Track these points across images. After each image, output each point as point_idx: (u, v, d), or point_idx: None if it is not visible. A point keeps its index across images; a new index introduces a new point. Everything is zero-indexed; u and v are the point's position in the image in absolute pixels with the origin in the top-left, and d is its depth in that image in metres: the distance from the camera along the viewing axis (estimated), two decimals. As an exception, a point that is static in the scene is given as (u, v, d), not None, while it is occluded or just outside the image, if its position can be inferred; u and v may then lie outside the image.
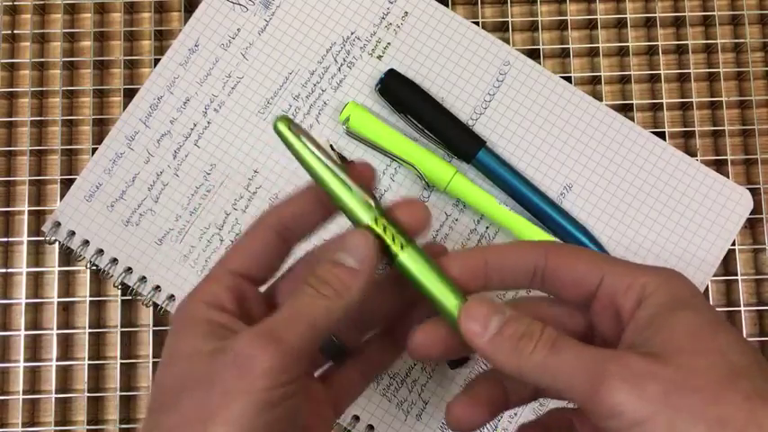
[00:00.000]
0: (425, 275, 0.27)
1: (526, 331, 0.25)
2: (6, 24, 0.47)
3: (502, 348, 0.25)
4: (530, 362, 0.25)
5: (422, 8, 0.46)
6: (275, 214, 0.28)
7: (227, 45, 0.45)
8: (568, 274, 0.27)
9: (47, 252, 0.45)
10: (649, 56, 0.48)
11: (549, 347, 0.25)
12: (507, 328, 0.25)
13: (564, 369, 0.24)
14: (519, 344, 0.25)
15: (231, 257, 0.28)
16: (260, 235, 0.28)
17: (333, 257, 0.26)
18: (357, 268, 0.26)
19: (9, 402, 0.44)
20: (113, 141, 0.44)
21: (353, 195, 0.27)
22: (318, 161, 0.27)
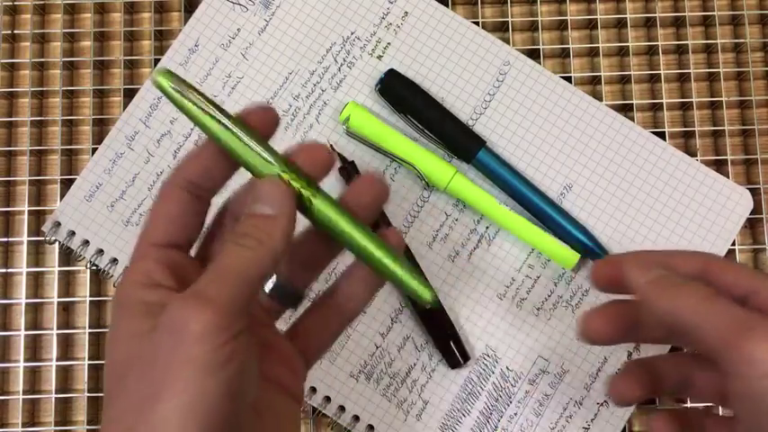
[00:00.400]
0: (342, 222, 0.27)
1: (684, 281, 0.28)
2: (6, 24, 0.47)
3: (660, 289, 0.28)
4: (685, 303, 0.27)
5: (422, 8, 0.46)
6: (181, 174, 0.27)
7: (227, 45, 0.45)
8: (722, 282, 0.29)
9: (47, 252, 0.45)
10: (649, 56, 0.48)
11: (704, 297, 0.27)
12: (670, 276, 0.29)
13: (713, 316, 0.26)
14: (679, 288, 0.28)
15: (151, 229, 0.27)
16: (173, 198, 0.27)
17: (248, 210, 0.26)
18: (274, 214, 0.25)
19: (9, 402, 0.44)
20: (113, 141, 0.44)
21: (252, 150, 0.26)
22: (211, 118, 0.26)
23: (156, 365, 0.23)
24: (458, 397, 0.42)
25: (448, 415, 0.42)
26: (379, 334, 0.43)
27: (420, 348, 0.43)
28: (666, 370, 0.32)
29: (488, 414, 0.42)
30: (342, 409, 0.42)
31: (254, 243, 0.25)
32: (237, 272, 0.24)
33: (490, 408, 0.42)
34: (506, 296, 0.43)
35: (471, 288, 0.43)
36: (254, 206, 0.26)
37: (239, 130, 0.26)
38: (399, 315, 0.43)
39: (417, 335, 0.43)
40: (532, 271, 0.43)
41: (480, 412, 0.42)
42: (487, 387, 0.42)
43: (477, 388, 0.42)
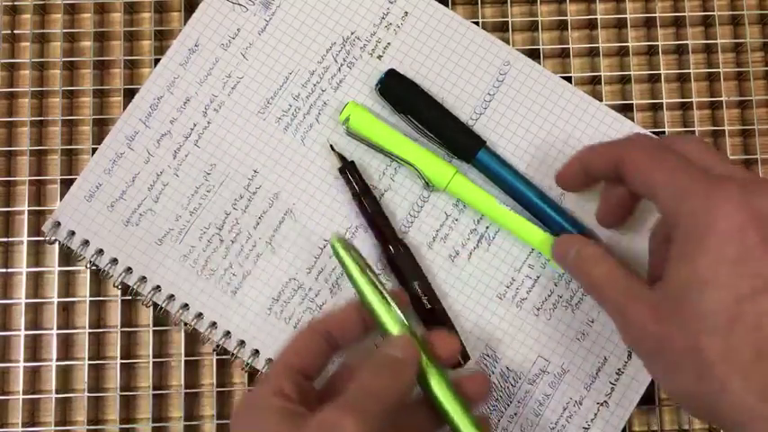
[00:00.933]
0: (446, 398, 0.33)
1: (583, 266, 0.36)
2: (6, 24, 0.47)
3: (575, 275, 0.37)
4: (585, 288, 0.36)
5: (422, 8, 0.46)
6: (324, 324, 0.34)
7: (227, 45, 0.45)
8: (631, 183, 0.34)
9: (47, 252, 0.45)
10: (649, 56, 0.48)
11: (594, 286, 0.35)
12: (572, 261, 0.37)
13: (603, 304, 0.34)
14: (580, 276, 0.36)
15: (288, 355, 0.33)
16: (313, 338, 0.34)
17: (381, 350, 0.32)
18: (403, 358, 0.32)
19: (9, 402, 0.44)
20: (113, 141, 0.44)
21: (392, 315, 0.34)
22: (366, 281, 0.34)
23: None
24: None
25: (448, 415, 0.42)
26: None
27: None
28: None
29: (488, 414, 0.42)
30: (342, 409, 0.42)
31: (389, 373, 0.31)
32: (377, 393, 0.30)
33: (490, 408, 0.42)
34: (506, 296, 0.43)
35: (471, 288, 0.43)
36: (387, 349, 0.33)
37: (387, 297, 0.35)
38: (399, 315, 0.43)
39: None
40: (532, 271, 0.43)
41: (480, 413, 0.42)
42: (487, 387, 0.42)
43: (477, 388, 0.42)
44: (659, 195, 0.32)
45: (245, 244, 0.43)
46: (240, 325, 0.43)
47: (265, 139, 0.44)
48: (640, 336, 0.31)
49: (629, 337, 0.32)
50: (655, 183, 0.32)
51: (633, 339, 0.32)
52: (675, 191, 0.31)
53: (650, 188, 0.33)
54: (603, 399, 0.42)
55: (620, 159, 0.34)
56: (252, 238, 0.43)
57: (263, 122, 0.45)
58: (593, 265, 0.35)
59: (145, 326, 0.44)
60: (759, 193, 0.30)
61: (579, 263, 0.36)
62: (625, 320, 0.32)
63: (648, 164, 0.33)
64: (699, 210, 0.30)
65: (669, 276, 0.30)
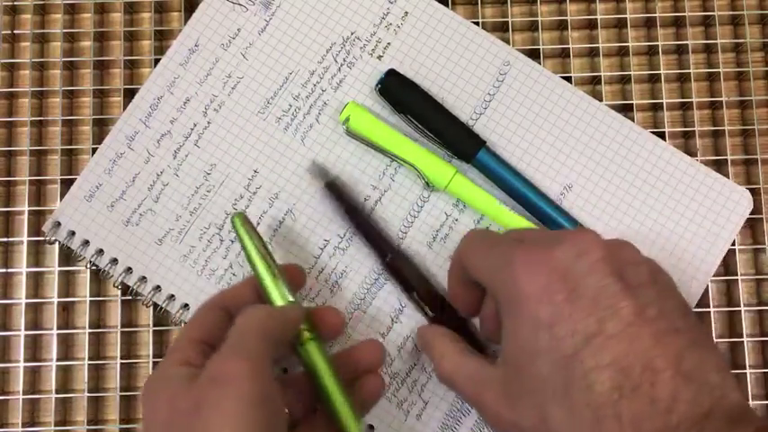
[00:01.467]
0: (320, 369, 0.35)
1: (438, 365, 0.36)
2: (6, 24, 0.47)
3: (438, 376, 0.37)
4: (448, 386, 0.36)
5: (422, 8, 0.46)
6: (221, 296, 0.36)
7: (227, 45, 0.45)
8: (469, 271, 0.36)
9: (47, 252, 0.45)
10: (649, 56, 0.48)
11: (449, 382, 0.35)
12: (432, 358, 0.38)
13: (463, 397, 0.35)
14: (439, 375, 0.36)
15: (190, 329, 0.34)
16: (210, 312, 0.35)
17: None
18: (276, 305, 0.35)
19: (9, 402, 0.44)
20: (113, 141, 0.44)
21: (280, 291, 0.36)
22: (260, 258, 0.37)
23: (202, 411, 0.28)
24: (458, 397, 0.42)
25: (448, 415, 0.42)
26: (379, 334, 0.43)
27: (420, 348, 0.42)
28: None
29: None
30: (342, 409, 0.42)
31: (261, 314, 0.33)
32: (258, 330, 0.31)
33: (490, 408, 0.42)
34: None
35: (471, 288, 0.43)
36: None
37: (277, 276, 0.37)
38: (399, 315, 0.43)
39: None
40: (532, 271, 0.43)
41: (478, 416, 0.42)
42: (487, 387, 0.42)
43: (477, 388, 0.42)
44: (481, 277, 0.33)
45: (245, 244, 0.43)
46: (240, 325, 0.43)
47: (265, 139, 0.44)
48: (497, 422, 0.31)
49: (490, 424, 0.32)
50: (474, 266, 0.34)
51: (494, 425, 0.32)
52: (489, 268, 0.32)
53: (475, 272, 0.34)
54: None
55: (460, 258, 0.36)
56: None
57: (263, 122, 0.45)
58: (441, 359, 0.35)
59: (145, 326, 0.44)
60: (556, 247, 0.30)
61: (431, 357, 0.37)
62: (482, 411, 0.32)
63: (471, 250, 0.35)
64: (507, 280, 0.30)
65: (505, 352, 0.31)
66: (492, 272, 0.32)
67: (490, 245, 0.33)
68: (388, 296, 0.43)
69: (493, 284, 0.32)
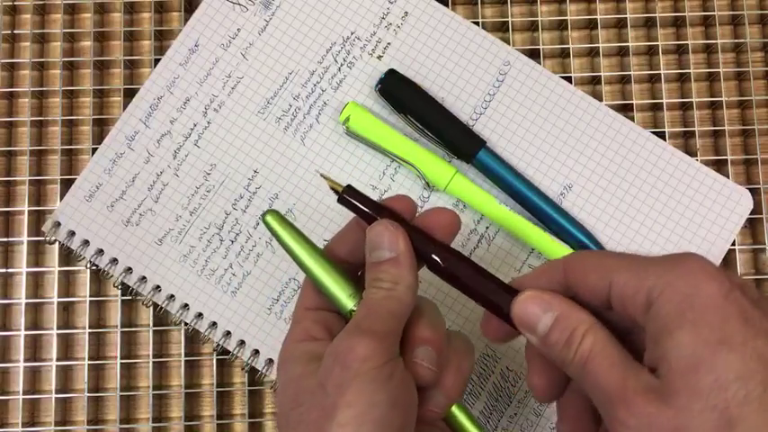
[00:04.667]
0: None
1: (568, 340, 0.27)
2: (6, 24, 0.47)
3: (551, 352, 0.27)
4: (570, 371, 0.27)
5: (422, 8, 0.46)
6: (328, 251, 0.32)
7: (227, 45, 0.45)
8: (583, 286, 0.28)
9: (47, 252, 0.45)
10: (649, 56, 0.48)
11: (582, 364, 0.26)
12: (553, 332, 0.27)
13: (591, 390, 0.26)
14: (561, 353, 0.27)
15: (304, 298, 0.32)
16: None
17: (370, 259, 0.30)
18: (393, 256, 0.30)
19: (9, 402, 0.44)
20: (113, 141, 0.44)
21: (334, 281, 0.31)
22: (305, 253, 0.31)
23: (327, 389, 0.27)
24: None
25: (448, 415, 0.42)
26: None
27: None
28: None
29: (488, 414, 0.42)
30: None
31: (388, 285, 0.29)
32: (383, 308, 0.29)
33: (490, 408, 0.42)
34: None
35: (471, 288, 0.43)
36: (374, 254, 0.30)
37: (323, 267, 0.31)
38: (399, 315, 0.43)
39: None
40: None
41: (480, 412, 0.42)
42: (487, 387, 0.42)
43: (477, 388, 0.42)
44: (615, 279, 0.27)
45: (245, 244, 0.43)
46: (240, 325, 0.43)
47: (265, 139, 0.44)
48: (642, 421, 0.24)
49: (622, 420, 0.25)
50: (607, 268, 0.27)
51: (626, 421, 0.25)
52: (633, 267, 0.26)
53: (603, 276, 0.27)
54: (603, 399, 0.42)
55: (564, 268, 0.29)
56: (252, 238, 0.43)
57: (263, 122, 0.45)
58: (581, 337, 0.27)
59: (145, 326, 0.44)
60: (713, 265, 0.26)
61: (559, 336, 0.27)
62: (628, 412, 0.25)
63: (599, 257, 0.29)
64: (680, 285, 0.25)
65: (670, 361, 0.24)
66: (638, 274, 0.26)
67: (624, 255, 0.28)
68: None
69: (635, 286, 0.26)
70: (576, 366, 0.26)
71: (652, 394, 0.24)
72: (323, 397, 0.27)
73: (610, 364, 0.26)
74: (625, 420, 0.24)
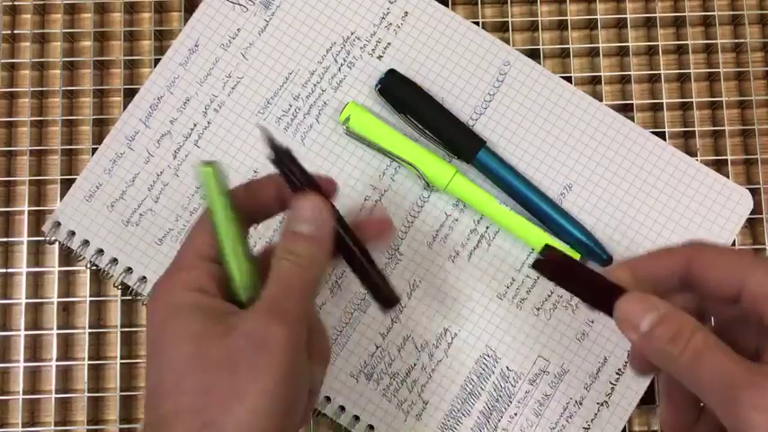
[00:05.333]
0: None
1: (675, 334, 0.26)
2: (6, 24, 0.47)
3: (652, 347, 0.26)
4: (675, 365, 0.26)
5: (422, 8, 0.46)
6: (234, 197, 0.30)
7: (227, 45, 0.45)
8: (710, 280, 0.28)
9: (47, 252, 0.45)
10: (649, 56, 0.48)
11: (693, 356, 0.25)
12: (658, 328, 0.26)
13: (704, 381, 0.25)
14: (667, 346, 0.26)
15: (199, 244, 0.29)
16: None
17: (291, 227, 0.29)
18: (313, 234, 0.29)
19: (9, 402, 0.44)
20: (113, 141, 0.44)
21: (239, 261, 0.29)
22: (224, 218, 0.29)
23: (239, 369, 0.26)
24: (458, 397, 0.42)
25: (448, 415, 0.42)
26: (379, 334, 0.43)
27: (420, 348, 0.43)
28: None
29: (488, 414, 0.42)
30: (342, 410, 0.42)
31: (305, 261, 0.28)
32: (296, 286, 0.28)
33: (490, 408, 0.42)
34: (506, 296, 0.43)
35: (471, 288, 0.43)
36: (296, 225, 0.29)
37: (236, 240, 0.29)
38: (399, 315, 0.43)
39: (417, 335, 0.43)
40: (532, 271, 0.43)
41: (480, 412, 0.42)
42: (487, 387, 0.42)
43: (478, 388, 0.42)
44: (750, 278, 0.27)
45: (245, 244, 0.43)
46: (240, 325, 0.43)
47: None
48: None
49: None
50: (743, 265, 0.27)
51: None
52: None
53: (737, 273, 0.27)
54: (603, 399, 0.42)
55: (690, 257, 0.28)
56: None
57: (264, 122, 0.45)
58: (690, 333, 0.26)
59: (144, 326, 0.44)
60: None
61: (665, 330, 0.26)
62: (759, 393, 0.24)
63: (730, 253, 0.29)
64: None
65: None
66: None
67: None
68: (388, 296, 0.43)
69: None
70: (686, 359, 0.26)
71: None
72: (232, 375, 0.26)
73: (727, 355, 0.25)
74: (755, 401, 0.23)
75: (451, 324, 0.43)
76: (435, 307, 0.43)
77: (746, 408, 0.23)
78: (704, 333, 0.26)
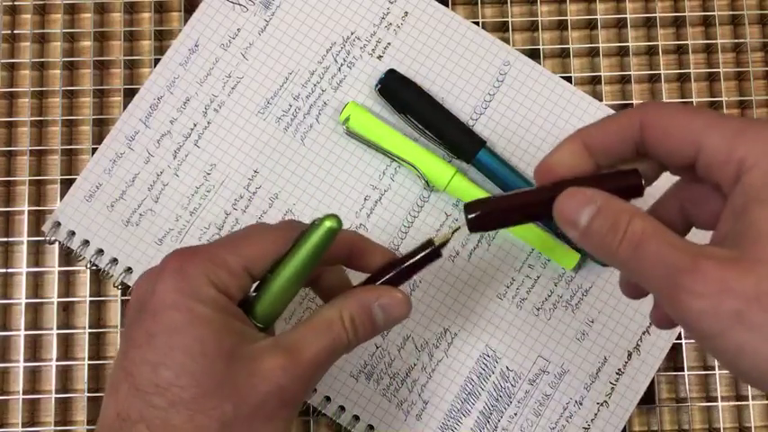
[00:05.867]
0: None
1: (612, 225, 0.24)
2: (6, 24, 0.47)
3: (593, 242, 0.25)
4: (616, 257, 0.24)
5: (422, 8, 0.46)
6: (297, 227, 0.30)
7: (227, 45, 0.45)
8: (664, 147, 0.26)
9: (47, 252, 0.45)
10: (649, 56, 0.48)
11: (633, 246, 0.24)
12: (595, 220, 0.25)
13: (646, 270, 0.24)
14: (606, 239, 0.24)
15: (247, 250, 0.28)
16: (280, 238, 0.29)
17: (373, 306, 0.30)
18: (381, 327, 0.30)
19: (9, 402, 0.44)
20: (113, 141, 0.44)
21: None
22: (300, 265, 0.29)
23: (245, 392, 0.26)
24: (458, 397, 0.42)
25: (448, 415, 0.42)
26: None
27: (420, 348, 0.43)
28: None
29: (488, 414, 0.42)
30: (342, 409, 0.42)
31: (355, 338, 0.29)
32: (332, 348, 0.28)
33: (490, 408, 0.42)
34: (506, 296, 0.43)
35: (471, 288, 0.43)
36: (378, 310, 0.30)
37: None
38: (399, 315, 0.43)
39: (417, 335, 0.43)
40: (532, 271, 0.43)
41: (480, 412, 0.42)
42: (487, 387, 0.42)
43: (478, 388, 0.42)
44: (705, 143, 0.25)
45: (245, 244, 0.43)
46: (240, 325, 0.43)
47: (265, 139, 0.44)
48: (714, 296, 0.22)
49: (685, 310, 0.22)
50: (696, 129, 0.25)
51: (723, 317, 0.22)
52: (727, 132, 0.24)
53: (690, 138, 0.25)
54: (603, 399, 0.42)
55: (642, 123, 0.26)
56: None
57: (263, 122, 0.45)
58: (627, 223, 0.24)
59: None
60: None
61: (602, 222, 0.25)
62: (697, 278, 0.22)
63: (684, 115, 0.26)
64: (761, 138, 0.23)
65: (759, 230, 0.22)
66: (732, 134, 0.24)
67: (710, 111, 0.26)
68: (388, 296, 0.43)
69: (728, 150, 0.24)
70: (625, 250, 0.24)
71: (726, 262, 0.22)
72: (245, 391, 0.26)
73: (667, 241, 0.23)
74: (694, 288, 0.22)
75: (451, 324, 0.43)
76: (435, 307, 0.43)
77: (686, 294, 0.22)
78: (643, 220, 0.24)
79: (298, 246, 0.29)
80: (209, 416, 0.25)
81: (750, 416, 0.44)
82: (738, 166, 0.24)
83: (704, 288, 0.22)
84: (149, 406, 0.25)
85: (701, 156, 0.25)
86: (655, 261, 0.23)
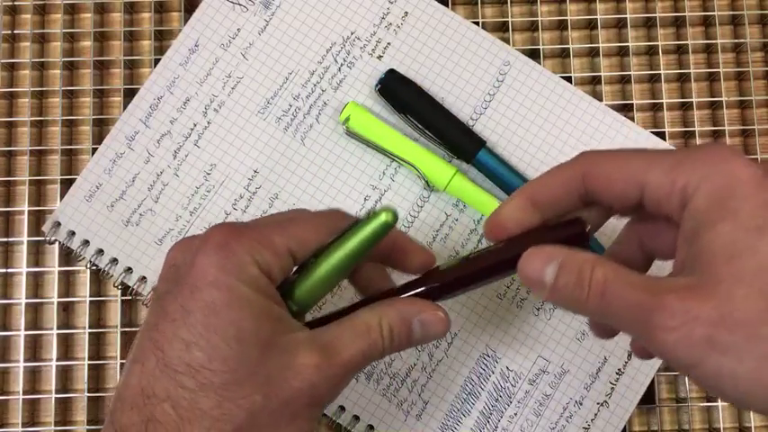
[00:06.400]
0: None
1: (577, 278, 0.25)
2: (6, 24, 0.47)
3: (562, 298, 0.26)
4: (587, 309, 0.25)
5: (422, 8, 0.46)
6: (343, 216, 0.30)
7: (227, 45, 0.45)
8: (609, 193, 0.27)
9: (47, 252, 0.45)
10: (649, 56, 0.48)
11: (598, 295, 0.24)
12: (560, 277, 0.25)
13: (617, 315, 0.24)
14: (574, 293, 0.25)
15: (294, 232, 0.28)
16: (325, 226, 0.29)
17: (414, 320, 0.29)
18: (416, 341, 0.30)
19: (9, 402, 0.44)
20: (113, 141, 0.44)
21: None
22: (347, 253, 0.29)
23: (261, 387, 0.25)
24: (458, 397, 0.42)
25: (448, 415, 0.42)
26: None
27: (420, 348, 0.43)
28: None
29: (488, 414, 0.42)
30: (342, 409, 0.42)
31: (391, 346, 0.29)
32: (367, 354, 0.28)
33: (490, 408, 0.42)
34: (506, 296, 0.43)
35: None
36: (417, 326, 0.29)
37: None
38: (399, 315, 0.43)
39: (417, 335, 0.43)
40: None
41: (480, 412, 0.42)
42: (487, 387, 0.42)
43: (477, 388, 0.42)
44: (648, 180, 0.25)
45: (245, 244, 0.43)
46: (240, 325, 0.43)
47: (265, 139, 0.44)
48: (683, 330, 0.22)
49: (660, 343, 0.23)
50: (636, 170, 0.26)
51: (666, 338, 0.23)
52: (665, 166, 0.25)
53: (633, 180, 0.26)
54: (603, 399, 0.42)
55: (584, 173, 0.28)
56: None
57: (263, 122, 0.45)
58: (590, 272, 0.25)
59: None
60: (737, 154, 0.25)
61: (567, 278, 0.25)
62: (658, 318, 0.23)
63: (622, 159, 0.27)
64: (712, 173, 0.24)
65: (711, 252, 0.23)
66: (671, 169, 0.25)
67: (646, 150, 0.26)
68: (388, 296, 0.43)
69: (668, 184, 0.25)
70: (593, 300, 0.24)
71: (688, 291, 0.23)
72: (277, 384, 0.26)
73: (630, 284, 0.24)
74: (664, 323, 0.22)
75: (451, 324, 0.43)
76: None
77: (659, 330, 0.23)
78: (603, 266, 0.25)
79: (348, 235, 0.28)
80: (238, 405, 0.25)
81: (750, 416, 0.44)
82: (682, 195, 0.24)
83: (673, 321, 0.22)
84: (178, 386, 0.25)
85: (647, 193, 0.26)
86: (621, 305, 0.24)
